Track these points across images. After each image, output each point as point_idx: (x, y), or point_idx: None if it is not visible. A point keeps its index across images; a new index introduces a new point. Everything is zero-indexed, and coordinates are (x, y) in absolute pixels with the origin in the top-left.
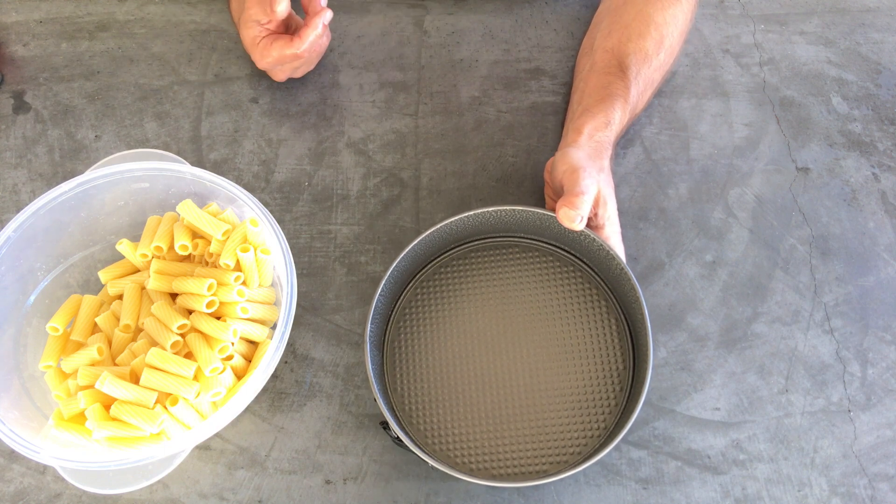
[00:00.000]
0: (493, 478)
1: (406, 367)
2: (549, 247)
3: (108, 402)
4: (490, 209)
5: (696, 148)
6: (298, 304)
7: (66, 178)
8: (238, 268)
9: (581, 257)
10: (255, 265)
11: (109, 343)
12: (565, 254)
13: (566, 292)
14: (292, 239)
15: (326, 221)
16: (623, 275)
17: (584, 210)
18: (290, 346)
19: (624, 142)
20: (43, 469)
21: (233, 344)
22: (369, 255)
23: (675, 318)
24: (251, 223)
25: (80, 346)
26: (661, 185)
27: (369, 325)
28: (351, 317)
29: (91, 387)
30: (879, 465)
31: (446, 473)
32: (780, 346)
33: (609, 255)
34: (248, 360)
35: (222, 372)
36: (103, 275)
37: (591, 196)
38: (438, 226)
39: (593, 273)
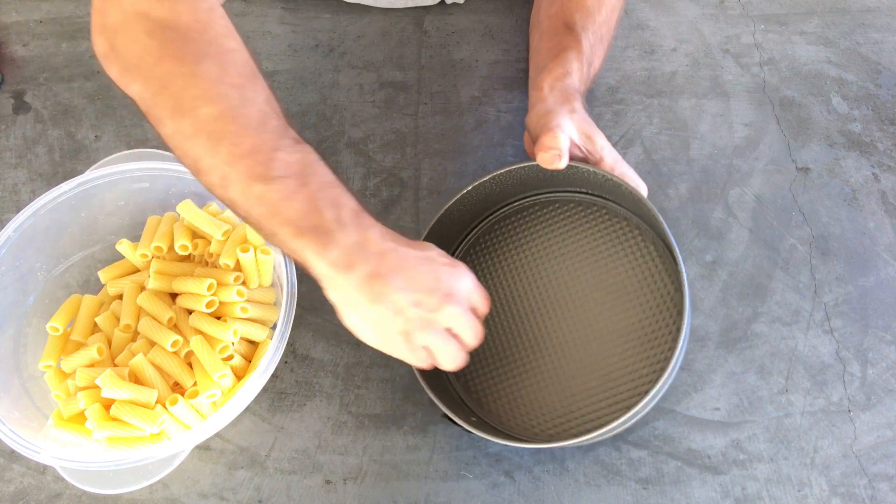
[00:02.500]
0: (574, 435)
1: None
2: (570, 194)
3: (108, 402)
4: (500, 171)
5: (696, 148)
6: (298, 304)
7: (66, 178)
8: (238, 268)
9: (603, 196)
10: (255, 265)
11: (109, 343)
12: (588, 196)
13: (600, 235)
14: None
15: None
16: (633, 196)
17: (560, 144)
18: (290, 346)
19: (624, 142)
20: (43, 469)
21: (233, 344)
22: None
23: None
24: None
25: (80, 346)
26: (661, 185)
27: None
28: None
29: (90, 387)
30: (879, 465)
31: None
32: (780, 346)
33: (615, 184)
34: (248, 360)
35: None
36: (103, 275)
37: (564, 132)
38: (462, 193)
39: (620, 207)
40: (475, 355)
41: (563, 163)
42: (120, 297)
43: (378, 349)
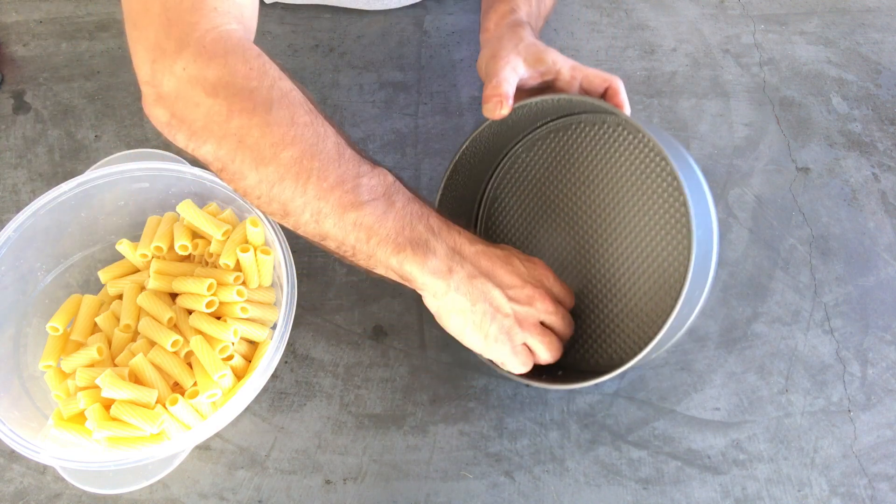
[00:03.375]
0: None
1: None
2: (551, 123)
3: (108, 402)
4: (467, 140)
5: (696, 148)
6: (298, 304)
7: (66, 178)
8: (238, 268)
9: (581, 111)
10: (255, 265)
11: (109, 343)
12: (567, 118)
13: (597, 149)
14: (292, 239)
15: None
16: (595, 103)
17: (501, 90)
18: (290, 346)
19: None
20: (43, 469)
21: (233, 344)
22: None
23: None
24: (251, 223)
25: (80, 346)
26: None
27: None
28: (351, 317)
29: (90, 387)
30: (879, 465)
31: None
32: (780, 346)
33: (568, 100)
34: (248, 360)
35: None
36: (103, 275)
37: (503, 77)
38: (441, 193)
39: (604, 115)
40: None
41: (505, 109)
42: (120, 297)
43: (481, 354)
